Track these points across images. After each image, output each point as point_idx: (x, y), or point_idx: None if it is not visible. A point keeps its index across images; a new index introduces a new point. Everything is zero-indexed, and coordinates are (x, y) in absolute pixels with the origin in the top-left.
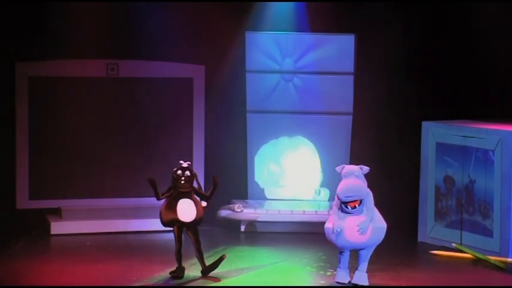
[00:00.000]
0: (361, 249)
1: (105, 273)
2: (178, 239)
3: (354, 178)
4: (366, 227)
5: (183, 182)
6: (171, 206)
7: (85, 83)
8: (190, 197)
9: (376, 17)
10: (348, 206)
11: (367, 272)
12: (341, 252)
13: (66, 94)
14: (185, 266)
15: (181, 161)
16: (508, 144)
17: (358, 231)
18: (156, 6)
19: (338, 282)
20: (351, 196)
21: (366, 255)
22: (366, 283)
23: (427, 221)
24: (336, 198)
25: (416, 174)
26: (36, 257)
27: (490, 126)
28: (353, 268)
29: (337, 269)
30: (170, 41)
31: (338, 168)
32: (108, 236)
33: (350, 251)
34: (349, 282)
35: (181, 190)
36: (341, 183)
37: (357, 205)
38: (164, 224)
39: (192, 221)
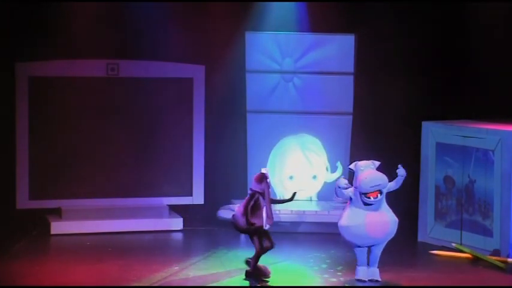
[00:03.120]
0: (373, 245)
1: (105, 273)
2: (261, 243)
3: (372, 169)
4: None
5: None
6: (258, 213)
7: (85, 83)
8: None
9: (376, 17)
10: (371, 197)
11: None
12: (357, 248)
13: (66, 94)
14: (185, 266)
15: (263, 169)
16: (508, 144)
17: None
18: (156, 6)
19: (359, 280)
20: (378, 185)
21: (379, 251)
22: (379, 278)
23: (427, 221)
24: (351, 190)
25: (417, 174)
26: (36, 257)
27: (490, 126)
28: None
29: (357, 267)
30: (170, 41)
31: (352, 166)
32: (108, 236)
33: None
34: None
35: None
36: (361, 175)
37: (378, 195)
38: (244, 231)
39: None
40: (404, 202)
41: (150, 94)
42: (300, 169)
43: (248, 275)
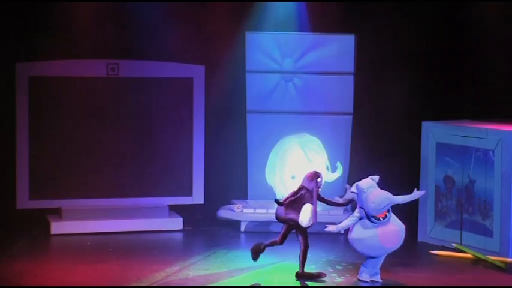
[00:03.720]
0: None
1: (105, 273)
2: (283, 237)
3: (375, 190)
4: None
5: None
6: (296, 208)
7: (85, 83)
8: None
9: (376, 17)
10: (380, 218)
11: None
12: (369, 258)
13: (66, 94)
14: (185, 266)
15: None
16: (508, 144)
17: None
18: (156, 6)
19: (360, 280)
20: (386, 206)
21: (383, 257)
22: (380, 280)
23: (427, 221)
24: (357, 211)
25: (417, 174)
26: (36, 257)
27: (490, 126)
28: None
29: (362, 267)
30: (170, 41)
31: (353, 189)
32: (108, 236)
33: None
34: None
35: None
36: (368, 199)
37: (387, 214)
38: (281, 220)
39: (308, 227)
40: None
41: (150, 94)
42: (301, 169)
43: (253, 248)
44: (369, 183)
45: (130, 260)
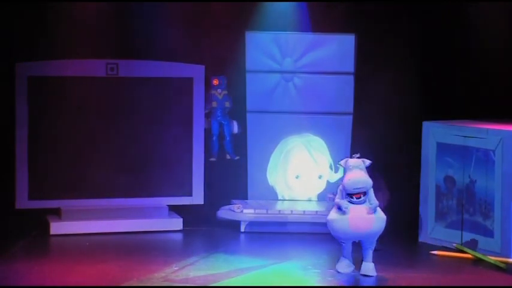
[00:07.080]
0: (361, 240)
1: (105, 273)
2: None
3: (359, 170)
4: (374, 208)
5: None
6: None
7: (85, 83)
8: None
9: (376, 17)
10: (354, 197)
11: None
12: (342, 243)
13: (66, 94)
14: (185, 266)
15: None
16: (509, 144)
17: (368, 211)
18: (156, 6)
19: (339, 272)
20: (359, 188)
21: (369, 245)
22: (373, 274)
23: (427, 221)
24: (338, 191)
25: (417, 174)
26: (36, 257)
27: (491, 126)
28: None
29: (340, 257)
30: (170, 41)
31: (342, 162)
32: (108, 236)
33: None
34: (353, 270)
35: None
36: (347, 175)
37: (362, 196)
38: None
39: None
40: (405, 202)
41: (150, 94)
42: (306, 168)
43: None
44: (357, 163)
45: (130, 260)
